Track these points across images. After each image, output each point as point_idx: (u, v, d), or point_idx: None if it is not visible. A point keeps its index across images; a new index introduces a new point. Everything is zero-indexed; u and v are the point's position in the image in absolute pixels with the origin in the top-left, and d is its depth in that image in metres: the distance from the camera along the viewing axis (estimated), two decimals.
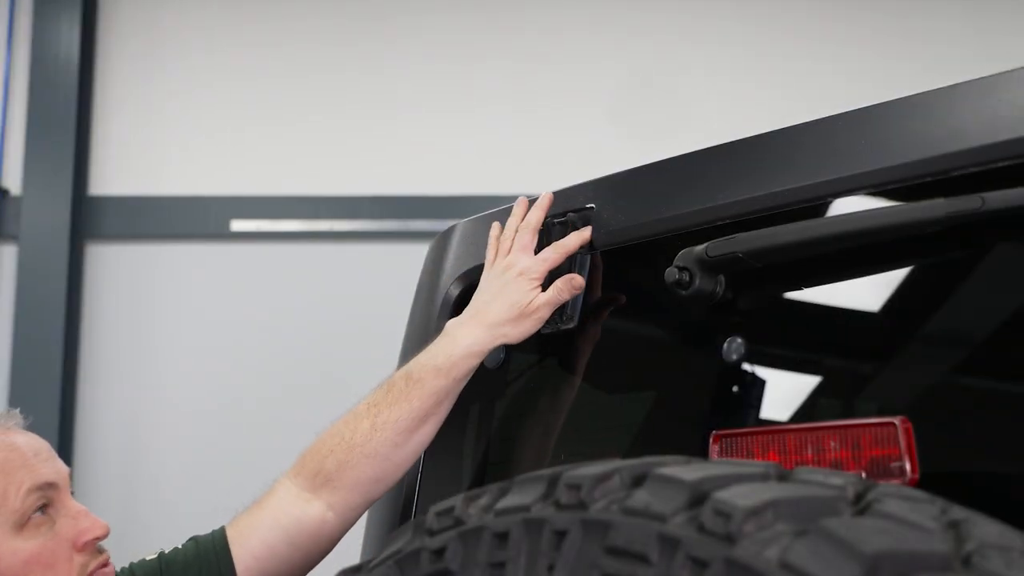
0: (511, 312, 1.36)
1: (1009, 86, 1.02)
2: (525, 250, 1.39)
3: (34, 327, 4.18)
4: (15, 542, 1.26)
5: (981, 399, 1.03)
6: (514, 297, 1.36)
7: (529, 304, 1.36)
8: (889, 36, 4.49)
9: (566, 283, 1.35)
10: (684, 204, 1.27)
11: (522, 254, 1.39)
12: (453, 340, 1.38)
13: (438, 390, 1.37)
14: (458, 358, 1.36)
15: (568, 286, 1.35)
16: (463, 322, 1.39)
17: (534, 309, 1.36)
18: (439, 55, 4.52)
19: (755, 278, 1.19)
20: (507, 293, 1.37)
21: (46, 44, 4.39)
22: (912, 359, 1.08)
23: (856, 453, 1.00)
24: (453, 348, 1.37)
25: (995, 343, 1.01)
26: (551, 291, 1.36)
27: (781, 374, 1.20)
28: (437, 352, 1.38)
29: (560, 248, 1.37)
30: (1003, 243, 1.02)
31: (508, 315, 1.36)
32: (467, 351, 1.36)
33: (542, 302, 1.35)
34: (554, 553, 0.82)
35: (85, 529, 1.32)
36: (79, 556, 1.31)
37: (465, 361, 1.37)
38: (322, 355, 4.23)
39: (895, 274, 1.11)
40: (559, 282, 1.36)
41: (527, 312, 1.36)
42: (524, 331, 1.37)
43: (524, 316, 1.36)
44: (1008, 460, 0.99)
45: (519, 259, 1.39)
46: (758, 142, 1.22)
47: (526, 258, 1.38)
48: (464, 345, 1.36)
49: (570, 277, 1.36)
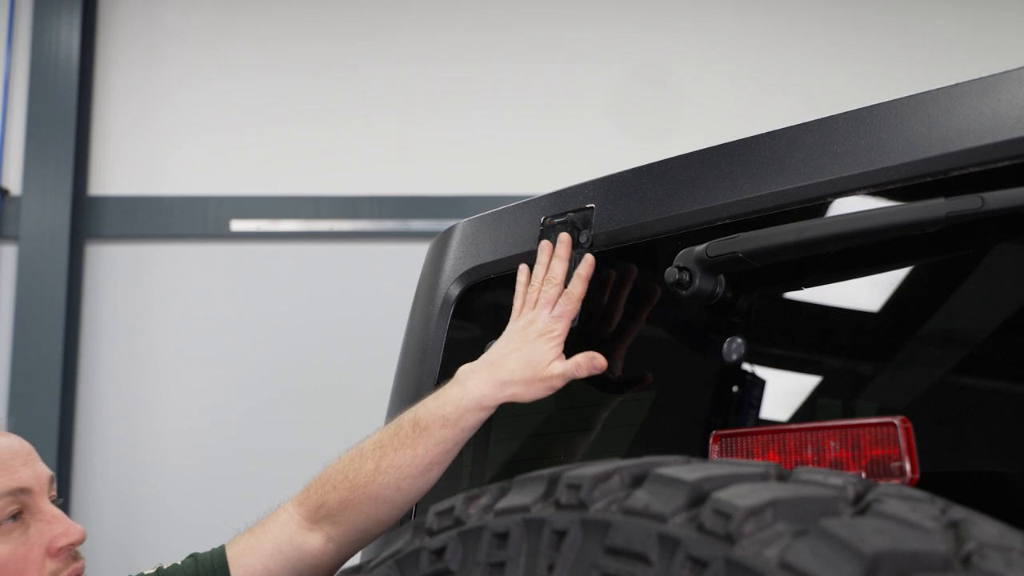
0: (525, 372, 1.32)
1: (1009, 86, 1.02)
2: (549, 307, 1.35)
3: (34, 327, 4.18)
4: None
5: (981, 399, 1.03)
6: (531, 356, 1.32)
7: (545, 368, 1.31)
8: (889, 36, 4.49)
9: (588, 360, 1.31)
10: (684, 204, 1.27)
11: (545, 311, 1.35)
12: (463, 390, 1.34)
13: (445, 439, 1.34)
14: (465, 410, 1.33)
15: (589, 364, 1.30)
16: (476, 371, 1.35)
17: (548, 376, 1.31)
18: (439, 55, 4.52)
19: (755, 278, 1.19)
20: (525, 351, 1.33)
21: (46, 44, 4.39)
22: (912, 359, 1.08)
23: (856, 453, 1.00)
24: (462, 399, 1.33)
25: (995, 343, 1.01)
26: (570, 364, 1.31)
27: (781, 374, 1.20)
28: (446, 401, 1.34)
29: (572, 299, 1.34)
30: (1003, 243, 1.02)
31: (522, 375, 1.32)
32: (476, 404, 1.33)
33: (558, 372, 1.31)
34: (554, 553, 0.82)
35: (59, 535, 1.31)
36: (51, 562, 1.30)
37: (473, 414, 1.34)
38: (322, 355, 4.24)
39: (895, 274, 1.11)
40: (581, 359, 1.31)
41: (542, 376, 1.31)
42: (535, 394, 1.33)
43: (538, 380, 1.32)
44: (1008, 460, 0.99)
45: (541, 316, 1.35)
46: (758, 142, 1.22)
47: (545, 315, 1.34)
48: (473, 398, 1.33)
49: (592, 356, 1.31)
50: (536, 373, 1.32)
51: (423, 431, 1.34)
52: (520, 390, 1.33)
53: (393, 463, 1.34)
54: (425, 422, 1.34)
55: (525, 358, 1.33)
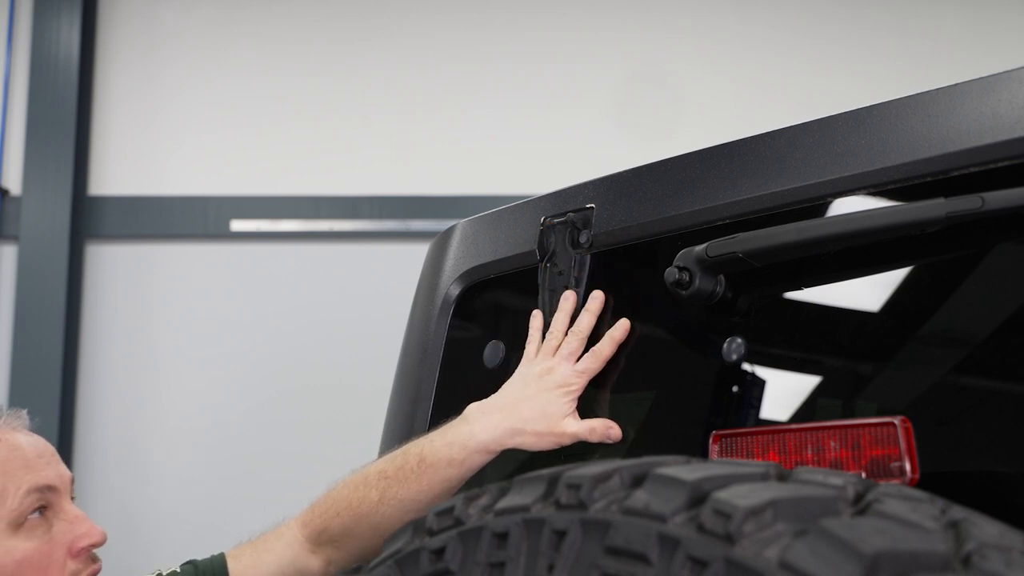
0: (540, 424, 1.30)
1: (1009, 86, 1.02)
2: (571, 359, 1.33)
3: (34, 327, 4.18)
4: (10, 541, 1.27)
5: (981, 399, 1.03)
6: (548, 408, 1.30)
7: (559, 423, 1.30)
8: (889, 36, 4.49)
9: (603, 427, 1.29)
10: (684, 204, 1.27)
11: (566, 363, 1.32)
12: (471, 431, 1.33)
13: (449, 478, 1.34)
14: (473, 451, 1.32)
15: (603, 431, 1.29)
16: (486, 412, 1.34)
17: (561, 432, 1.30)
18: (439, 55, 4.52)
19: (755, 278, 1.19)
20: (542, 401, 1.31)
21: (46, 44, 4.39)
22: (912, 359, 1.08)
23: (856, 453, 1.00)
24: (469, 440, 1.32)
25: (995, 343, 1.01)
26: (584, 426, 1.29)
27: (781, 374, 1.20)
28: (453, 441, 1.33)
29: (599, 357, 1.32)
30: (1003, 243, 1.02)
31: (535, 426, 1.30)
32: (483, 447, 1.32)
33: (571, 431, 1.30)
34: (554, 553, 0.82)
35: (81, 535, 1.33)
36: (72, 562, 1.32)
37: (480, 456, 1.33)
38: (322, 355, 4.24)
39: (895, 274, 1.11)
40: (598, 424, 1.29)
41: (554, 431, 1.30)
42: (542, 446, 1.31)
43: (550, 433, 1.30)
44: (1008, 460, 0.99)
45: (562, 367, 1.32)
46: (758, 142, 1.22)
47: (568, 368, 1.32)
48: (481, 440, 1.32)
49: (609, 425, 1.29)
50: (549, 426, 1.30)
51: (429, 467, 1.33)
52: (530, 440, 1.32)
53: (397, 496, 1.34)
54: (431, 460, 1.33)
55: (541, 408, 1.31)
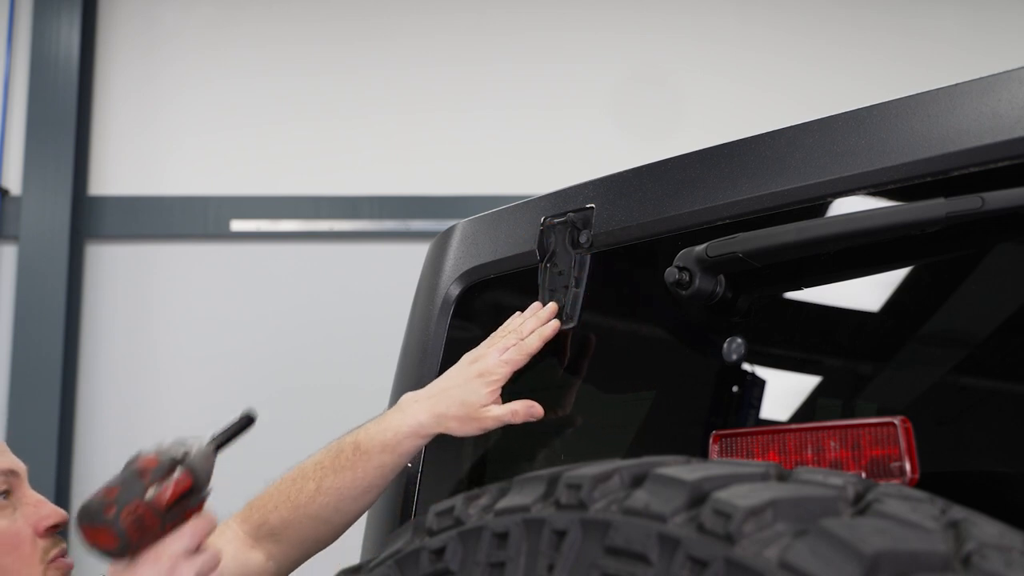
0: (460, 410, 1.35)
1: (1009, 86, 1.02)
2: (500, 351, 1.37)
3: (34, 327, 4.18)
4: None
5: (981, 399, 1.03)
6: (469, 397, 1.35)
7: (479, 410, 1.34)
8: (889, 36, 4.49)
9: (525, 408, 1.33)
10: (684, 204, 1.27)
11: (492, 351, 1.37)
12: (403, 417, 1.38)
13: (383, 464, 1.37)
14: (404, 437, 1.37)
15: (526, 412, 1.33)
16: (418, 399, 1.39)
17: (482, 418, 1.34)
18: (439, 55, 4.52)
19: (755, 278, 1.19)
20: (465, 389, 1.36)
21: (46, 44, 4.39)
22: (912, 359, 1.08)
23: (856, 453, 1.00)
24: (401, 425, 1.37)
25: (995, 343, 1.01)
26: (506, 411, 1.33)
27: (781, 374, 1.20)
28: (387, 427, 1.38)
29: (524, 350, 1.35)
30: (1003, 243, 1.02)
31: (456, 411, 1.35)
32: (412, 432, 1.37)
33: (492, 416, 1.34)
34: (554, 553, 0.82)
35: (46, 515, 1.38)
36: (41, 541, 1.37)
37: (411, 440, 1.37)
38: (322, 355, 4.23)
39: (895, 274, 1.11)
40: (519, 407, 1.33)
41: (475, 417, 1.34)
42: (468, 432, 1.36)
43: (472, 419, 1.34)
44: (1008, 460, 0.99)
45: (488, 357, 1.37)
46: (758, 142, 1.22)
47: (493, 357, 1.36)
48: (410, 425, 1.37)
49: (530, 404, 1.33)
50: (469, 413, 1.34)
51: (363, 455, 1.37)
52: (453, 425, 1.36)
53: (333, 485, 1.37)
54: (366, 446, 1.37)
55: (463, 396, 1.35)
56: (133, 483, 1.14)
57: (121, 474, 1.16)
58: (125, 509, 1.12)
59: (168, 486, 1.15)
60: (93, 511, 1.12)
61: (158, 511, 1.14)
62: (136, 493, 1.13)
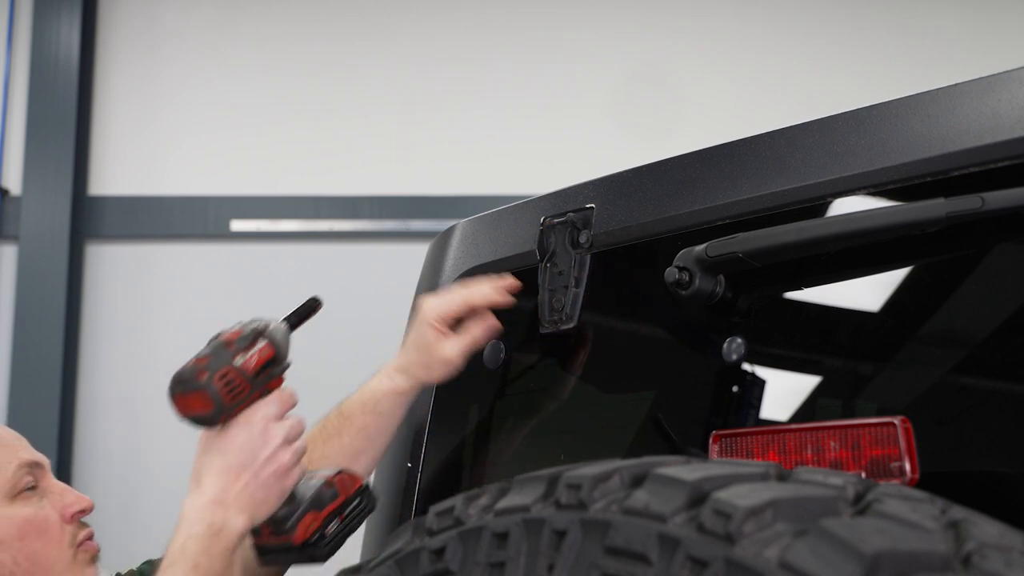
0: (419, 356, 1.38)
1: (1009, 86, 1.02)
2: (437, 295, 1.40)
3: (34, 327, 4.18)
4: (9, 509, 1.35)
5: (981, 399, 1.03)
6: (420, 341, 1.38)
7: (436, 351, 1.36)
8: (889, 36, 4.49)
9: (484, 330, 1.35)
10: (684, 204, 1.27)
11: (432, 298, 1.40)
12: (379, 378, 1.41)
13: (366, 426, 1.40)
14: (381, 395, 1.40)
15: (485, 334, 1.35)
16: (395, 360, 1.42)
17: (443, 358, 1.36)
18: (439, 55, 4.52)
19: (755, 278, 1.19)
20: (415, 337, 1.39)
21: (46, 44, 4.40)
22: (912, 359, 1.08)
23: (856, 453, 1.00)
24: (376, 385, 1.41)
25: (995, 343, 1.01)
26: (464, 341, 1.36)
27: (781, 374, 1.20)
28: (364, 389, 1.42)
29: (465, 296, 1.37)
30: (1003, 243, 1.02)
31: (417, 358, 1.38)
32: (389, 389, 1.40)
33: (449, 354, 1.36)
34: (554, 553, 0.82)
35: (71, 502, 1.42)
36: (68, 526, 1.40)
37: (388, 398, 1.39)
38: (322, 354, 4.23)
39: (895, 274, 1.11)
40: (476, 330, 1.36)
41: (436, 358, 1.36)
42: (440, 375, 1.38)
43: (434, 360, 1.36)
44: (1008, 460, 0.99)
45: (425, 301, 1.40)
46: (758, 142, 1.22)
47: (429, 303, 1.39)
48: (384, 383, 1.40)
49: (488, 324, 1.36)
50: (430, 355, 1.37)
51: (346, 419, 1.41)
52: (421, 373, 1.39)
53: (324, 454, 1.40)
54: (348, 411, 1.42)
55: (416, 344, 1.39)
56: (221, 351, 1.19)
57: (208, 346, 1.21)
58: (217, 374, 1.17)
59: (254, 354, 1.21)
60: (186, 378, 1.18)
61: (247, 376, 1.19)
62: (225, 360, 1.18)
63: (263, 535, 1.21)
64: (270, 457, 1.19)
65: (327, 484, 1.23)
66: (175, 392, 1.18)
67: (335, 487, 1.23)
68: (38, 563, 1.34)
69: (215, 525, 1.16)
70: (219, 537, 1.15)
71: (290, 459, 1.21)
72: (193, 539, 1.15)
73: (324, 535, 1.21)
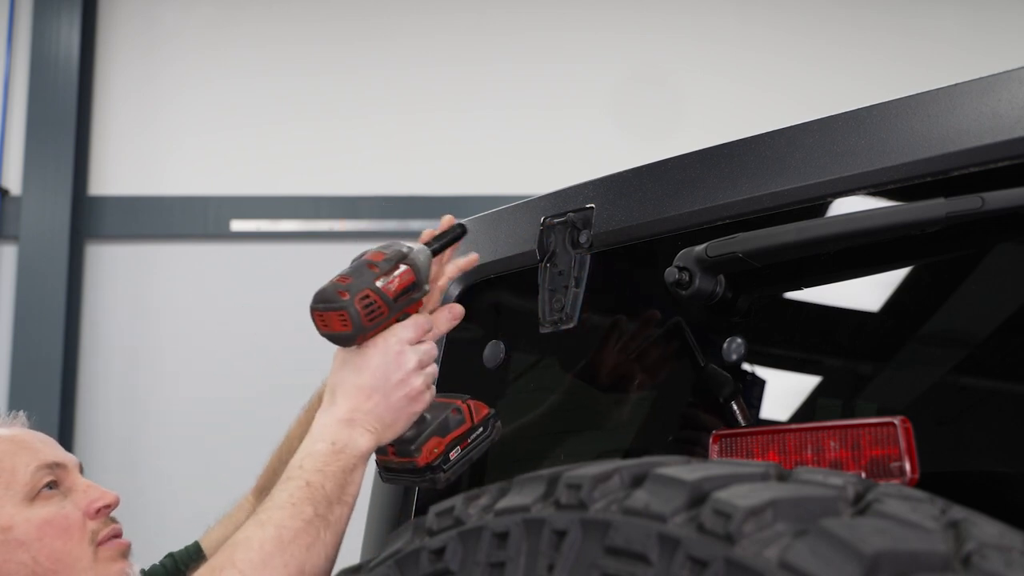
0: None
1: (1009, 86, 1.02)
2: None
3: (34, 327, 4.18)
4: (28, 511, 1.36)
5: (981, 399, 1.03)
6: None
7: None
8: (889, 36, 4.49)
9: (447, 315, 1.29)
10: (684, 204, 1.27)
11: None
12: None
13: None
14: None
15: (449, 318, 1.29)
16: None
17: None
18: (439, 55, 4.52)
19: (755, 278, 1.19)
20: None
21: (46, 44, 4.40)
22: (912, 359, 1.08)
23: (856, 453, 1.00)
24: None
25: (995, 343, 1.01)
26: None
27: (781, 374, 1.20)
28: None
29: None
30: (1003, 243, 1.02)
31: None
32: None
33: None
34: (554, 553, 0.82)
35: (95, 498, 1.42)
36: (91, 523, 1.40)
37: None
38: (322, 354, 4.23)
39: (895, 274, 1.11)
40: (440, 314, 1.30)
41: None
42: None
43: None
44: (1008, 460, 0.99)
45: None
46: (758, 142, 1.22)
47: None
48: None
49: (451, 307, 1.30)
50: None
51: None
52: None
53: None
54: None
55: None
56: (363, 272, 1.18)
57: (351, 266, 1.20)
58: (358, 295, 1.16)
59: (395, 277, 1.19)
60: (328, 295, 1.16)
61: (387, 298, 1.18)
62: (367, 281, 1.17)
63: (388, 454, 1.22)
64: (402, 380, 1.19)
65: (455, 410, 1.24)
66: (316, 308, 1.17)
67: (462, 414, 1.24)
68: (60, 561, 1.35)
69: (338, 443, 1.16)
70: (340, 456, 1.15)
71: (421, 383, 1.20)
72: (312, 456, 1.15)
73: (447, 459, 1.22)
